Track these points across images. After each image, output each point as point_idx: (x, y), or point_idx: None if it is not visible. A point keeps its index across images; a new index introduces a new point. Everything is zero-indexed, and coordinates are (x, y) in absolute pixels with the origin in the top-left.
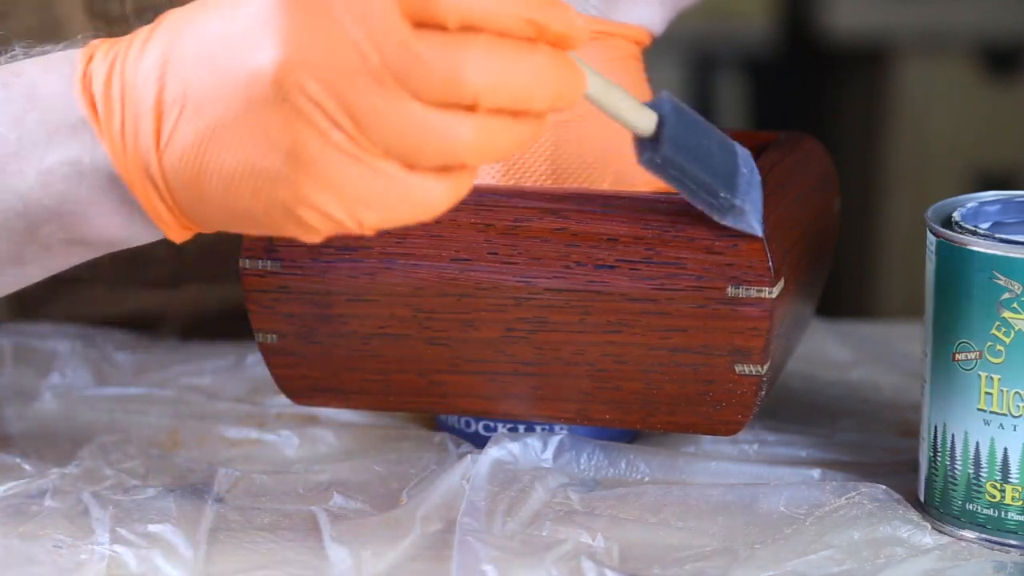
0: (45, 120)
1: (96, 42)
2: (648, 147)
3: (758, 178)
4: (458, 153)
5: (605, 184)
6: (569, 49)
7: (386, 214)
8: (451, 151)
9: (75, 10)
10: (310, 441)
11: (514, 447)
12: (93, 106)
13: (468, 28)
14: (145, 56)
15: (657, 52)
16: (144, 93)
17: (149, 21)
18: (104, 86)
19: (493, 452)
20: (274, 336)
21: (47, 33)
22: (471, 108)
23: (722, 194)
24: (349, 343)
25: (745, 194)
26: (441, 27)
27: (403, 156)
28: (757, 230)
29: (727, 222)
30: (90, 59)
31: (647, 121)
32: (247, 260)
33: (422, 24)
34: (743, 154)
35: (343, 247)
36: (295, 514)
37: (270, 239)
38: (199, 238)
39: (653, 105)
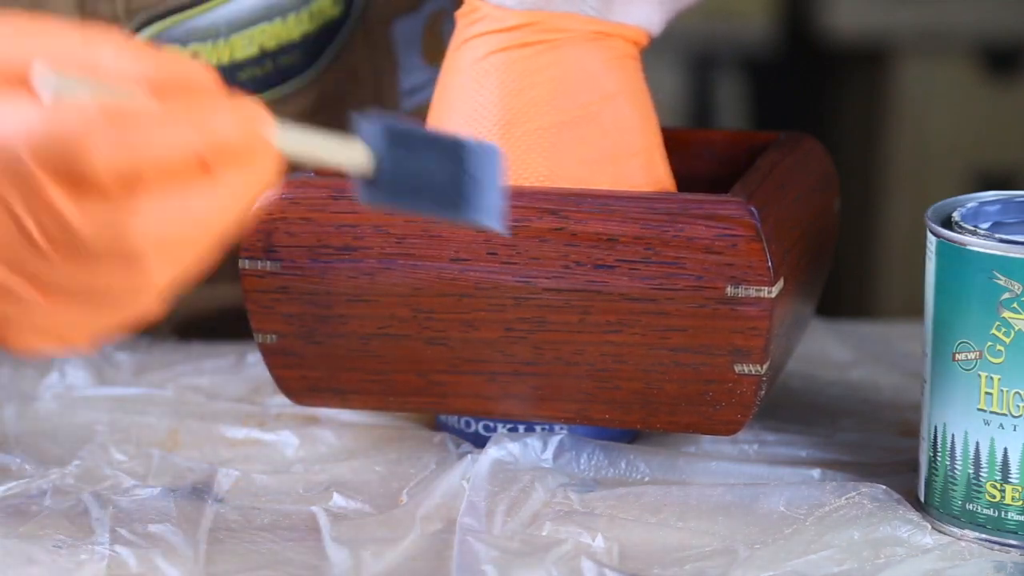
0: None
1: None
2: (367, 187)
3: (495, 173)
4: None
5: (604, 186)
6: (254, 164)
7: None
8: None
9: (66, 10)
10: (310, 441)
11: (514, 447)
12: None
13: (133, 182)
14: None
15: (656, 52)
16: None
17: (140, 22)
18: None
19: (493, 452)
20: (274, 336)
21: None
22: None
23: (447, 213)
24: (349, 343)
25: (473, 199)
26: (101, 189)
27: (87, 297)
28: (497, 227)
29: (464, 224)
30: None
31: (361, 158)
32: (247, 260)
33: (78, 185)
34: (475, 154)
35: (343, 247)
36: (295, 514)
37: (269, 238)
38: None
39: (363, 136)
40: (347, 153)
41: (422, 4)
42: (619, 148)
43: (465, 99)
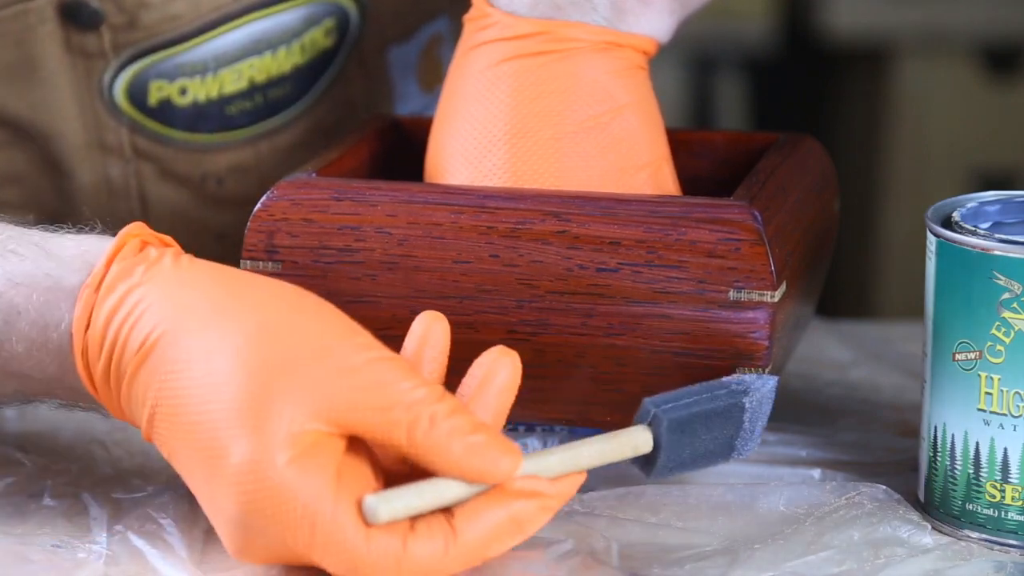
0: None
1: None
2: (646, 465)
3: (768, 411)
4: None
5: None
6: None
7: None
8: None
9: (52, 46)
10: None
11: None
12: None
13: None
14: (136, 385)
15: (656, 52)
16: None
17: (128, 57)
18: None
19: None
20: None
21: (24, 69)
22: None
23: (717, 463)
24: None
25: (744, 445)
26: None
27: None
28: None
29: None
30: (87, 325)
31: (644, 444)
32: (248, 261)
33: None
34: (752, 409)
35: (344, 248)
36: None
37: (271, 239)
38: (196, 241)
39: (646, 422)
40: (631, 444)
41: (417, 31)
42: (627, 160)
43: (474, 106)
